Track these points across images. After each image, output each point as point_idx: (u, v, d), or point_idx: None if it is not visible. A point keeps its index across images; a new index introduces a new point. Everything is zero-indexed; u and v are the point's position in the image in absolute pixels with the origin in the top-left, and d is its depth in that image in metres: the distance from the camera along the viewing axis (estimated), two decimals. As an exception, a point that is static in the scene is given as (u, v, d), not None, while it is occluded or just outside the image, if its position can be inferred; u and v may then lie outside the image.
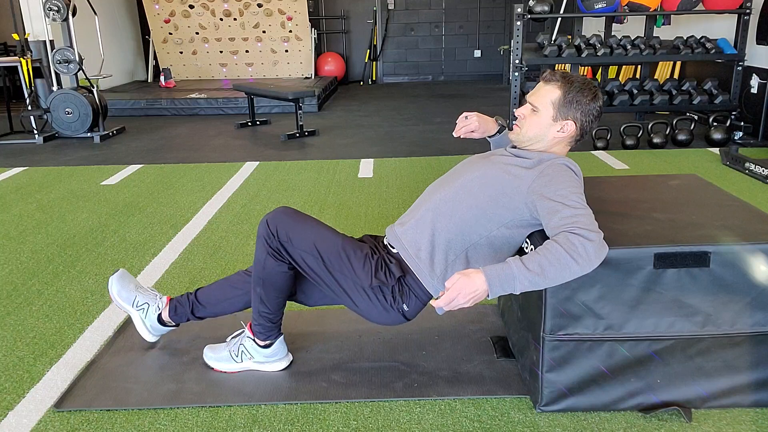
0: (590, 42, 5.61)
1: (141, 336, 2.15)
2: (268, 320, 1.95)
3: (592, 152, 5.17)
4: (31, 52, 6.63)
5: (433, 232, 1.80)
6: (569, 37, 5.89)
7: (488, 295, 1.56)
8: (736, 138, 5.42)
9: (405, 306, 1.84)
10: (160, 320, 2.11)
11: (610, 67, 7.73)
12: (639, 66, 6.92)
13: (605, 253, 1.55)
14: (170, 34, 9.79)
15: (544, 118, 1.80)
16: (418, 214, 1.86)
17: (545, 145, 1.83)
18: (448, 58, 11.20)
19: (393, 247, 1.89)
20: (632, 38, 5.63)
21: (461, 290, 1.55)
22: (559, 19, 7.09)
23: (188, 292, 2.11)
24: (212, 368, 2.04)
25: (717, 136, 5.30)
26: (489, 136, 2.09)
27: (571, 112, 1.79)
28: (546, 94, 1.81)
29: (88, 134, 6.29)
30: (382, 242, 1.95)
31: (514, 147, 1.91)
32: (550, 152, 1.82)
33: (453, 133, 2.06)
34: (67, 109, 6.14)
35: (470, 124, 2.02)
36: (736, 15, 5.47)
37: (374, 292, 1.82)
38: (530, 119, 1.83)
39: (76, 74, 6.15)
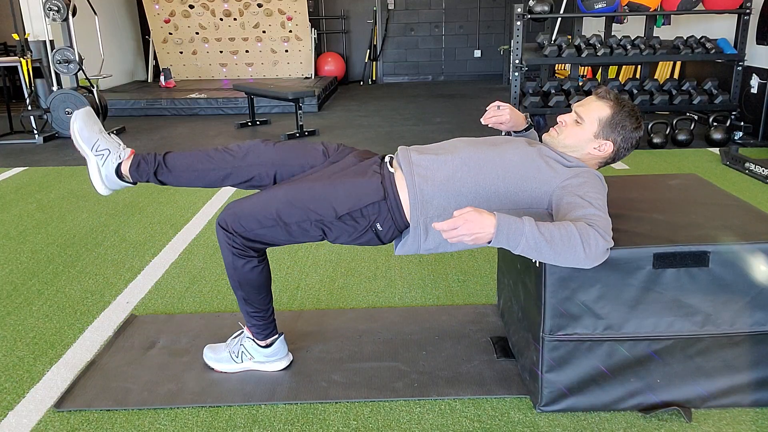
0: (590, 42, 5.61)
1: (93, 185, 1.93)
2: (259, 318, 1.95)
3: (592, 152, 5.17)
4: (31, 52, 6.62)
5: (450, 178, 1.74)
6: (569, 37, 5.89)
7: (490, 241, 1.50)
8: (736, 138, 5.42)
9: (378, 225, 1.78)
10: (118, 173, 1.91)
11: (610, 67, 7.73)
12: (639, 66, 6.92)
13: (605, 258, 1.57)
14: (170, 34, 9.80)
15: (587, 131, 1.81)
16: (444, 154, 1.80)
17: (578, 157, 1.83)
18: (448, 58, 11.20)
19: (391, 166, 1.83)
20: (632, 38, 5.63)
21: (468, 221, 1.47)
22: (559, 19, 7.08)
23: (156, 152, 1.95)
24: (212, 368, 2.04)
25: (717, 136, 5.30)
26: (515, 132, 2.06)
27: (613, 134, 1.80)
28: (595, 110, 1.81)
29: (88, 134, 6.27)
30: (380, 157, 1.90)
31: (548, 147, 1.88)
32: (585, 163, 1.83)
33: (481, 120, 2.02)
34: (67, 109, 6.14)
35: (502, 115, 1.98)
36: (736, 15, 5.47)
37: (343, 221, 1.77)
38: (571, 129, 1.83)
39: (76, 74, 6.15)
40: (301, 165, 1.93)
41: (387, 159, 1.89)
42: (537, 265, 1.70)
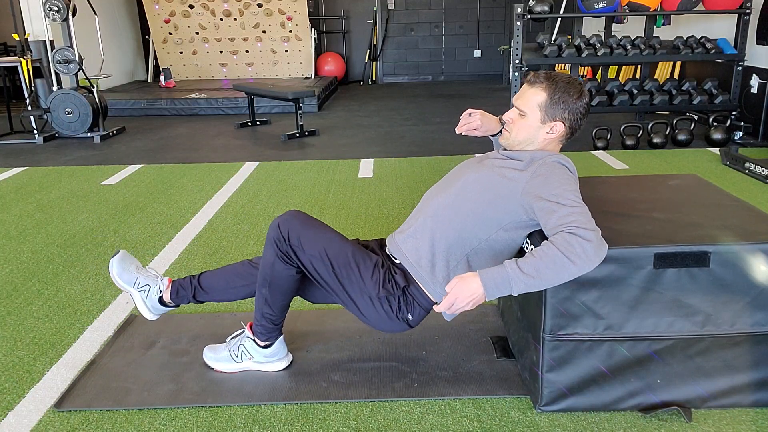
0: (590, 42, 5.61)
1: (142, 315, 2.12)
2: (270, 321, 1.95)
3: (592, 152, 5.17)
4: (31, 52, 6.63)
5: (433, 239, 1.80)
6: (569, 37, 5.89)
7: (486, 298, 1.58)
8: (736, 138, 5.42)
9: (410, 315, 1.86)
10: (161, 301, 2.08)
11: (610, 67, 7.73)
12: (639, 66, 6.92)
13: (605, 251, 1.54)
14: (170, 34, 9.80)
15: (532, 121, 1.80)
16: (417, 222, 1.86)
17: (536, 147, 1.83)
18: (448, 58, 11.20)
19: (396, 258, 1.90)
20: (632, 38, 5.63)
21: (459, 294, 1.59)
22: (559, 19, 7.09)
23: (191, 276, 2.09)
24: (212, 368, 2.04)
25: (717, 136, 5.30)
26: (491, 135, 2.08)
27: (558, 113, 1.79)
28: (531, 97, 1.80)
29: (88, 134, 6.29)
30: (386, 251, 1.96)
31: (505, 149, 1.91)
32: (542, 150, 1.82)
33: (455, 130, 2.05)
34: (67, 109, 6.14)
35: (473, 122, 2.01)
36: (736, 15, 5.47)
37: (380, 301, 1.83)
38: (518, 123, 1.83)
39: (76, 74, 6.15)
40: None
41: (388, 252, 1.94)
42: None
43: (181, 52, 9.96)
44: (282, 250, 1.84)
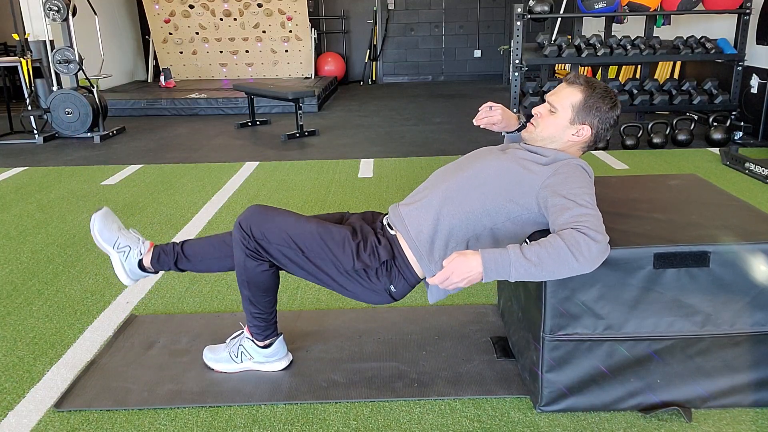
0: (590, 42, 5.61)
1: (117, 277, 2.05)
2: (261, 320, 1.95)
3: (592, 152, 5.17)
4: (31, 52, 6.63)
5: (439, 216, 1.77)
6: (569, 37, 5.89)
7: (482, 278, 1.55)
8: (736, 138, 5.42)
9: (392, 287, 1.83)
10: (140, 265, 2.02)
11: (610, 67, 7.73)
12: (639, 66, 6.92)
13: (606, 256, 1.55)
14: (170, 34, 9.80)
15: (562, 119, 1.79)
16: (425, 197, 1.83)
17: (558, 147, 1.82)
18: (448, 58, 11.20)
19: (392, 228, 1.87)
20: (632, 38, 5.63)
21: (456, 269, 1.54)
22: (559, 19, 7.08)
23: (173, 242, 2.04)
24: (212, 369, 2.04)
25: (717, 136, 5.30)
26: (507, 132, 2.07)
27: (589, 118, 1.78)
28: (567, 96, 1.80)
29: (88, 134, 6.29)
30: (381, 221, 1.93)
31: (527, 144, 1.89)
32: (565, 152, 1.82)
33: (473, 121, 2.02)
34: (67, 109, 6.14)
35: (494, 116, 1.98)
36: (736, 15, 5.47)
37: (358, 274, 1.80)
38: (547, 119, 1.82)
39: (76, 74, 6.15)
40: None
41: (385, 221, 1.91)
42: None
43: (181, 52, 9.96)
44: (249, 248, 1.82)
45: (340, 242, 1.80)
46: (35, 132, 6.28)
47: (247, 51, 10.01)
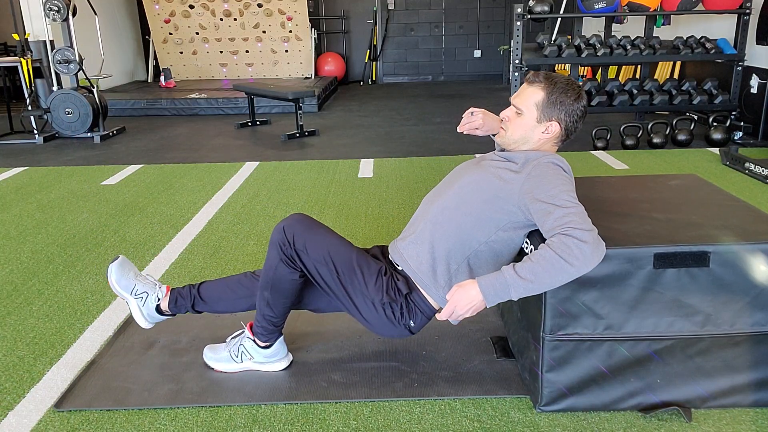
0: (590, 42, 5.61)
1: (136, 322, 2.10)
2: (271, 323, 1.95)
3: (592, 152, 5.17)
4: (31, 52, 6.63)
5: (433, 243, 1.81)
6: (569, 37, 5.89)
7: (486, 305, 1.60)
8: (735, 138, 5.42)
9: (411, 322, 1.86)
10: (158, 309, 2.07)
11: (610, 67, 7.73)
12: (639, 66, 6.92)
13: (603, 250, 1.54)
14: (170, 34, 9.80)
15: (529, 120, 1.80)
16: (417, 228, 1.87)
17: (531, 146, 1.84)
18: (448, 58, 11.20)
19: (398, 265, 1.90)
20: (632, 38, 5.63)
21: (458, 302, 1.60)
22: (559, 19, 7.09)
23: (190, 285, 2.08)
24: (212, 369, 2.04)
25: (717, 136, 5.30)
26: (493, 135, 2.08)
27: (555, 113, 1.79)
28: (529, 96, 1.81)
29: (88, 134, 6.29)
30: (389, 258, 1.96)
31: (503, 150, 1.91)
32: (537, 151, 1.82)
33: (457, 129, 2.06)
34: (67, 109, 6.14)
35: (475, 121, 2.02)
36: (736, 15, 5.47)
37: (383, 307, 1.83)
38: (515, 122, 1.83)
39: (76, 74, 6.15)
40: None
41: (390, 259, 1.94)
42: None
43: (181, 52, 9.96)
44: (287, 254, 1.83)
45: (374, 274, 1.83)
46: (35, 132, 6.28)
47: (247, 51, 10.01)
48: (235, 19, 9.76)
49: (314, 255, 1.82)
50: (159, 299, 2.06)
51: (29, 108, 6.29)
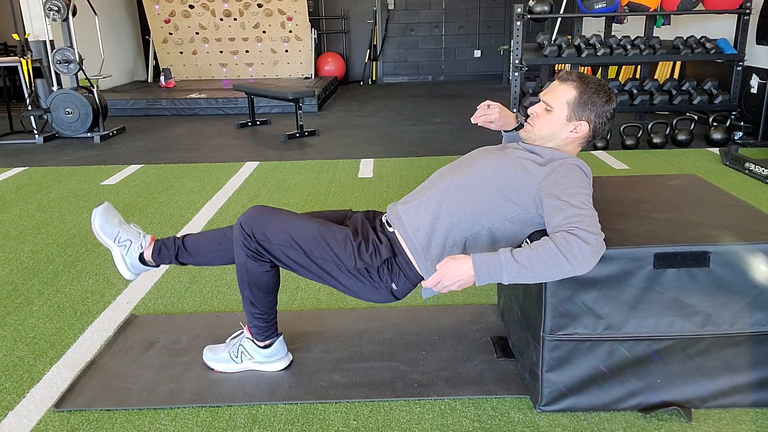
0: (590, 42, 5.61)
1: (118, 271, 2.05)
2: (262, 320, 1.95)
3: (592, 152, 5.17)
4: (31, 52, 6.63)
5: (437, 214, 1.78)
6: (569, 37, 5.89)
7: (475, 282, 1.57)
8: (735, 138, 5.42)
9: (393, 285, 1.84)
10: (141, 259, 2.03)
11: (610, 67, 7.73)
12: (639, 66, 6.92)
13: (600, 256, 1.54)
14: (170, 34, 9.80)
15: (558, 117, 1.79)
16: (423, 196, 1.84)
17: (557, 144, 1.82)
18: (448, 58, 11.20)
19: (390, 226, 1.87)
20: (632, 38, 5.63)
21: (447, 273, 1.58)
22: (559, 19, 7.08)
23: (174, 236, 2.05)
24: (212, 369, 2.04)
25: (717, 136, 5.30)
26: (505, 131, 2.07)
27: (585, 113, 1.78)
28: (561, 94, 1.80)
29: (88, 134, 6.29)
30: (380, 219, 1.94)
31: (525, 143, 1.89)
32: (561, 151, 1.82)
33: (471, 119, 2.02)
34: (67, 109, 6.14)
35: (491, 114, 1.98)
36: (736, 15, 5.47)
37: (360, 273, 1.81)
38: (543, 118, 1.82)
39: (76, 74, 6.15)
40: None
41: (384, 219, 1.92)
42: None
43: (181, 52, 9.96)
44: (251, 248, 1.82)
45: (342, 242, 1.81)
46: (35, 132, 6.28)
47: (247, 51, 10.01)
48: (235, 19, 9.76)
49: (276, 240, 1.80)
50: (143, 248, 2.02)
51: (29, 108, 6.29)
